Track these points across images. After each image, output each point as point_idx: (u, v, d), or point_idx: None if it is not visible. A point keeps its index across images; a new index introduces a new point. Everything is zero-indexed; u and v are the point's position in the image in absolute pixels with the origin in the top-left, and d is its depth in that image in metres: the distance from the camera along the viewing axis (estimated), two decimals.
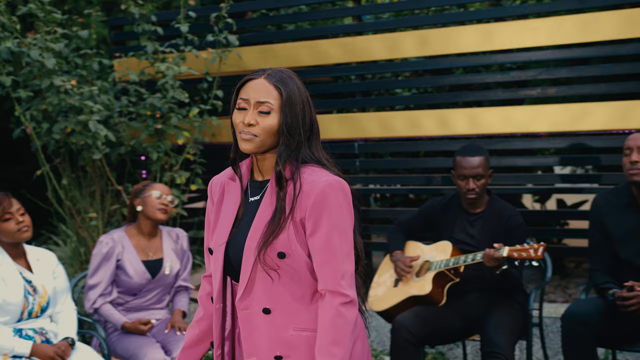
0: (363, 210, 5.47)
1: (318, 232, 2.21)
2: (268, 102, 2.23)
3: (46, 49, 4.73)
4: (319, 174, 2.24)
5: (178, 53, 5.20)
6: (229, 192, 2.37)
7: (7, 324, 3.52)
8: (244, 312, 2.27)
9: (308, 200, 2.20)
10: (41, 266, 3.70)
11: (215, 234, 2.34)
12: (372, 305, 4.32)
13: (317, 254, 2.22)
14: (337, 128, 5.35)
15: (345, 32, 5.52)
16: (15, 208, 3.59)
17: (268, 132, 2.22)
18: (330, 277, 2.20)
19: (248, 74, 2.32)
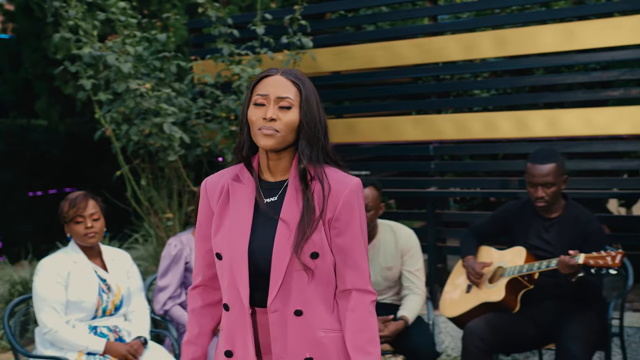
0: (438, 214, 5.39)
1: (348, 233, 2.23)
2: (289, 98, 2.20)
3: (123, 53, 4.82)
4: (339, 174, 2.26)
5: (254, 55, 5.24)
6: (235, 194, 2.28)
7: (82, 321, 3.61)
8: (275, 314, 2.21)
9: (336, 200, 2.22)
10: (116, 266, 3.78)
11: (229, 238, 2.25)
12: (443, 310, 4.25)
13: (346, 254, 2.23)
14: (411, 130, 5.28)
15: (422, 32, 5.44)
16: (89, 212, 3.65)
17: (289, 128, 2.19)
18: (359, 276, 2.24)
19: (262, 72, 2.30)
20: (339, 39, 5.75)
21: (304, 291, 2.21)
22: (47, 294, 3.56)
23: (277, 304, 2.20)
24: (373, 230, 4.19)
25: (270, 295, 2.20)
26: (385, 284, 4.22)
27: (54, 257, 3.67)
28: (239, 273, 2.22)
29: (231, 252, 2.23)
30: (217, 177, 2.35)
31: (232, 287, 2.24)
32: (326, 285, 2.25)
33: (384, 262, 4.18)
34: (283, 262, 2.19)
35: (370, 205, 4.05)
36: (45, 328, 3.54)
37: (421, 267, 4.25)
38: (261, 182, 2.29)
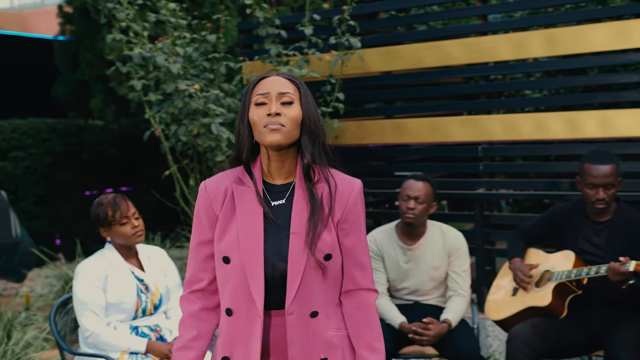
0: (487, 216, 5.32)
1: (356, 233, 2.28)
2: (289, 93, 2.23)
3: (172, 54, 4.87)
4: (344, 175, 2.31)
5: (301, 56, 5.23)
6: (241, 198, 2.26)
7: (123, 322, 3.64)
8: (291, 317, 2.21)
9: (344, 201, 2.25)
10: (152, 264, 3.80)
11: (237, 242, 2.22)
12: (488, 313, 4.18)
13: (354, 254, 2.29)
14: (460, 131, 5.21)
15: (472, 32, 5.36)
16: (131, 212, 3.68)
17: (294, 122, 2.21)
18: (364, 275, 2.31)
19: (257, 77, 2.32)
20: (388, 39, 5.70)
21: (318, 293, 2.23)
22: (86, 298, 3.58)
23: (294, 306, 2.20)
24: (422, 227, 4.19)
25: (288, 298, 2.20)
26: (431, 284, 4.18)
27: (91, 261, 3.69)
28: (254, 277, 2.20)
29: (243, 256, 2.21)
30: (218, 180, 2.32)
31: (239, 291, 2.22)
32: (335, 286, 2.29)
33: (430, 261, 4.15)
34: (300, 264, 2.20)
35: (422, 199, 4.08)
36: (87, 332, 3.57)
37: (467, 269, 4.21)
38: (266, 185, 2.29)
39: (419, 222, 4.13)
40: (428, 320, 3.97)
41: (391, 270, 4.20)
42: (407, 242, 4.20)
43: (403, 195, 4.12)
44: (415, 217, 4.09)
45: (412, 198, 4.08)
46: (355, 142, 5.62)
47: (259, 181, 2.27)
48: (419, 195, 4.08)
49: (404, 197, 4.12)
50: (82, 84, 8.77)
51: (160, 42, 5.03)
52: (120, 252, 3.73)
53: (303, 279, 2.19)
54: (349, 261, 2.28)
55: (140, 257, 3.80)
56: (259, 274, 2.20)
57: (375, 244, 4.22)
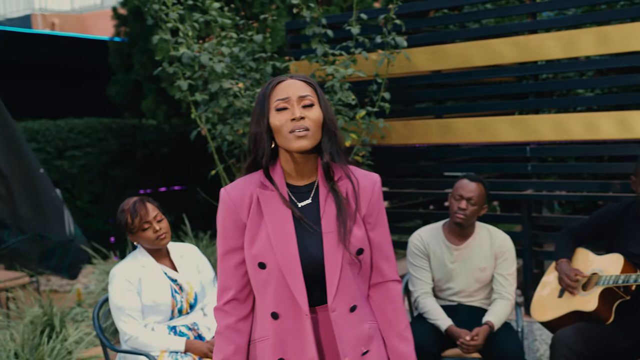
0: (534, 217, 5.22)
1: (379, 227, 2.33)
2: (309, 95, 2.24)
3: (216, 54, 4.90)
4: (360, 171, 2.35)
5: (348, 55, 5.22)
6: (267, 203, 2.26)
7: (160, 323, 3.66)
8: (334, 313, 2.24)
9: (367, 196, 2.30)
10: (185, 263, 3.79)
11: (270, 246, 2.22)
12: (534, 314, 4.10)
13: (380, 247, 2.33)
14: (508, 131, 5.13)
15: (520, 30, 5.26)
16: (152, 216, 3.64)
17: (317, 125, 2.23)
18: (391, 267, 2.36)
19: (276, 78, 2.30)
20: (435, 37, 5.64)
21: (355, 287, 2.27)
22: (121, 302, 3.60)
23: (336, 303, 2.24)
24: (470, 228, 4.13)
25: (329, 295, 2.23)
26: (476, 286, 4.13)
27: (124, 265, 3.69)
28: (293, 279, 2.22)
29: (279, 259, 2.22)
30: (241, 186, 2.30)
31: (281, 294, 2.23)
32: (365, 279, 2.33)
33: (477, 262, 4.10)
34: (336, 261, 2.23)
35: (474, 200, 4.03)
36: (126, 336, 3.60)
37: (514, 272, 4.13)
38: (290, 187, 2.30)
39: (468, 223, 4.08)
40: (475, 332, 3.91)
41: (437, 270, 4.16)
42: (454, 241, 4.15)
43: (455, 195, 4.07)
44: (465, 217, 4.03)
45: (465, 198, 4.03)
46: (402, 142, 5.58)
47: (282, 184, 2.28)
48: (471, 196, 4.03)
49: (456, 196, 4.07)
50: (135, 84, 8.90)
51: (207, 42, 5.06)
52: (151, 254, 3.72)
53: (341, 275, 2.23)
54: (377, 254, 2.33)
55: (172, 257, 3.78)
56: (298, 275, 2.22)
57: (421, 242, 4.18)
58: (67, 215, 7.22)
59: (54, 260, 7.13)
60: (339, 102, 5.13)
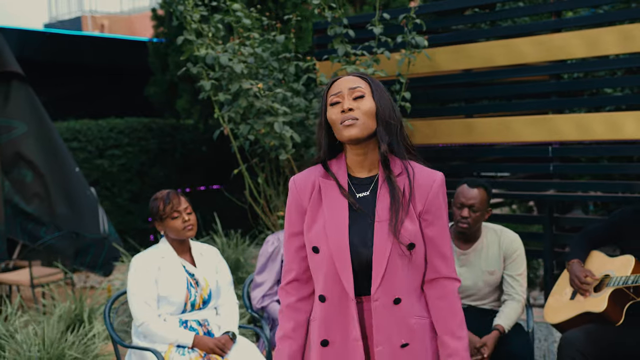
0: (556, 218, 5.17)
1: (438, 224, 2.35)
2: (359, 87, 2.34)
3: (237, 54, 4.96)
4: (424, 168, 2.38)
5: (370, 55, 5.23)
6: (327, 191, 2.38)
7: (173, 315, 3.75)
8: (376, 303, 2.31)
9: (426, 193, 2.33)
10: (204, 261, 3.89)
11: (325, 232, 2.34)
12: (546, 315, 4.06)
13: (436, 244, 2.36)
14: (530, 131, 5.07)
15: (543, 29, 5.21)
16: (183, 207, 3.78)
17: (367, 114, 2.31)
18: (446, 265, 2.38)
19: (335, 78, 2.42)
20: (458, 37, 5.61)
21: (402, 280, 2.32)
22: (138, 289, 3.71)
23: (379, 293, 2.31)
24: (477, 232, 4.07)
25: (374, 284, 2.31)
26: (486, 289, 4.08)
27: (145, 254, 3.82)
28: (342, 265, 2.32)
29: (330, 245, 2.33)
30: (306, 175, 2.46)
31: (330, 278, 2.35)
32: (418, 275, 2.37)
33: (486, 265, 4.05)
34: (385, 251, 2.29)
35: (477, 206, 3.94)
36: (138, 321, 3.70)
37: (523, 272, 4.08)
38: (352, 178, 2.41)
39: (472, 231, 4.01)
40: (484, 341, 3.86)
41: None
42: (460, 246, 4.09)
43: (457, 203, 3.98)
44: (469, 226, 3.95)
45: (467, 206, 3.93)
46: (425, 142, 5.56)
47: (343, 175, 2.39)
48: (473, 203, 3.92)
49: (457, 204, 3.97)
50: (171, 84, 9.04)
51: (230, 43, 5.13)
52: (173, 246, 3.84)
53: (388, 266, 2.30)
54: (432, 251, 2.36)
55: (193, 253, 3.90)
56: (347, 262, 2.31)
57: None
58: (101, 214, 7.38)
59: (89, 257, 7.29)
60: None
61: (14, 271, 7.51)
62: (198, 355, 3.65)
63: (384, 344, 2.32)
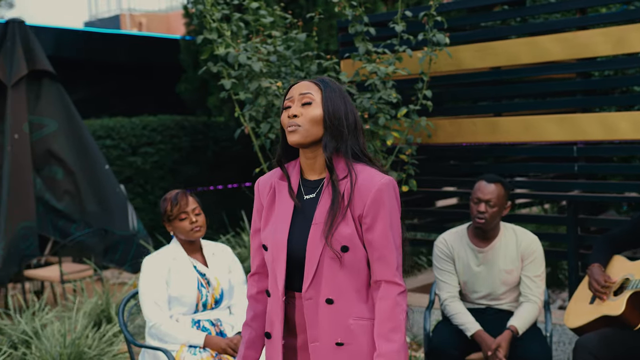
0: (580, 219, 5.07)
1: (376, 228, 2.35)
2: (309, 93, 2.38)
3: (256, 53, 4.95)
4: (371, 172, 2.38)
5: (391, 54, 5.18)
6: (280, 192, 2.47)
7: (185, 315, 3.75)
8: (309, 302, 2.39)
9: (365, 197, 2.34)
10: (216, 260, 3.88)
11: (272, 231, 2.44)
12: (565, 319, 3.99)
13: (375, 248, 2.36)
14: (555, 130, 4.98)
15: (569, 26, 5.11)
16: (191, 207, 3.77)
17: (311, 122, 2.36)
18: (386, 269, 2.37)
19: (294, 82, 2.48)
20: (481, 34, 5.53)
21: (335, 281, 2.37)
22: (149, 290, 3.71)
23: (311, 292, 2.38)
24: (494, 230, 4.04)
25: (305, 283, 2.38)
26: (503, 288, 4.03)
27: (156, 255, 3.82)
28: (278, 262, 2.42)
29: (273, 244, 2.43)
30: (268, 176, 2.55)
31: (273, 276, 2.46)
32: (357, 277, 2.39)
33: (503, 264, 4.01)
34: (316, 252, 2.35)
35: (493, 202, 3.92)
36: (150, 322, 3.70)
37: (541, 274, 4.03)
38: (304, 180, 2.48)
39: (489, 227, 3.99)
40: (497, 342, 3.81)
41: (462, 273, 4.09)
42: (478, 244, 4.07)
43: (474, 198, 3.99)
44: (485, 221, 3.94)
45: (483, 201, 3.94)
46: (448, 141, 5.50)
47: (294, 177, 2.47)
48: (490, 199, 3.92)
49: (474, 199, 3.98)
50: (202, 82, 9.08)
51: (250, 41, 5.12)
52: (184, 247, 3.84)
53: (319, 266, 2.36)
54: (372, 254, 2.38)
55: (205, 253, 3.89)
56: (282, 260, 2.40)
57: (445, 246, 4.12)
58: (130, 211, 7.44)
59: (118, 254, 7.36)
60: (381, 100, 5.10)
61: (45, 267, 7.62)
62: (210, 355, 3.65)
63: (319, 340, 2.39)
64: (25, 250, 6.90)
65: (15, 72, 7.03)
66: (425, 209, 6.57)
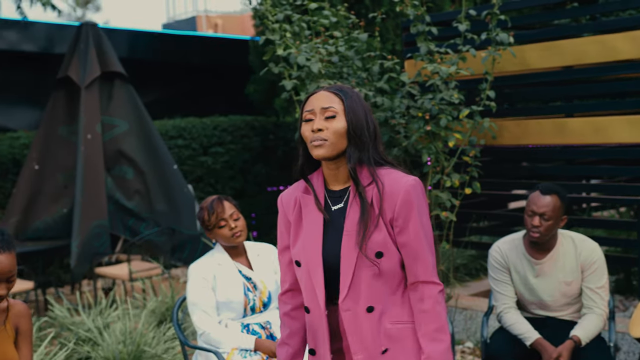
0: None
1: (408, 230, 2.33)
2: (332, 107, 2.35)
3: (315, 54, 4.93)
4: (395, 175, 2.35)
5: (454, 53, 5.08)
6: (306, 206, 2.45)
7: (233, 320, 3.74)
8: (347, 313, 2.36)
9: (394, 200, 2.32)
10: (261, 262, 3.84)
11: (303, 246, 2.42)
12: (630, 328, 3.80)
13: (409, 250, 2.34)
14: (626, 131, 4.80)
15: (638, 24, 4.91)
16: (228, 213, 3.72)
17: (337, 135, 2.33)
18: (423, 269, 2.35)
19: (312, 92, 2.44)
20: (545, 33, 5.37)
21: (372, 288, 2.35)
22: (196, 298, 3.70)
23: (348, 302, 2.36)
24: (551, 240, 3.87)
25: (341, 294, 2.36)
26: (563, 300, 3.88)
27: (201, 262, 3.79)
28: (315, 276, 2.39)
29: (307, 258, 2.42)
30: (291, 192, 2.53)
31: (309, 290, 2.43)
32: (393, 281, 2.37)
33: (562, 276, 3.84)
34: (351, 261, 2.34)
35: (548, 214, 3.73)
36: (199, 330, 3.70)
37: (604, 285, 3.84)
38: (328, 191, 2.46)
39: (544, 240, 3.81)
40: (559, 351, 3.68)
41: (519, 284, 3.94)
42: (535, 255, 3.90)
43: (528, 210, 3.78)
44: (540, 235, 3.76)
45: (537, 214, 3.73)
46: (514, 143, 5.36)
47: (319, 189, 2.45)
48: (544, 212, 3.72)
49: (528, 212, 3.78)
50: (271, 83, 9.11)
51: (310, 42, 5.10)
52: (227, 252, 3.80)
53: (355, 276, 2.34)
54: (407, 256, 2.35)
55: (249, 256, 3.84)
56: (319, 274, 2.38)
57: (500, 255, 3.97)
58: (198, 210, 7.51)
59: (185, 253, 7.45)
60: (442, 101, 5.01)
61: (116, 265, 7.78)
62: (260, 358, 3.63)
63: (363, 352, 2.36)
64: (97, 249, 7.06)
65: (89, 73, 7.19)
66: (490, 212, 6.43)
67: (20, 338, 2.95)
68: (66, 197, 7.37)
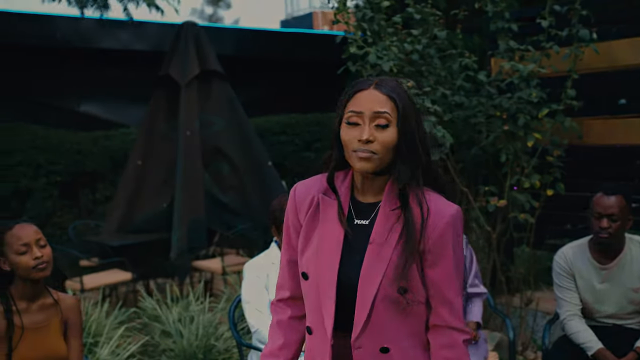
0: None
1: (442, 266, 1.98)
2: (386, 113, 1.94)
3: (387, 53, 4.88)
4: (437, 202, 1.99)
5: (535, 51, 4.92)
6: (326, 210, 2.07)
7: None
8: (359, 351, 2.00)
9: (432, 231, 1.96)
10: None
11: (315, 258, 2.05)
12: None
13: (439, 289, 1.99)
14: None
15: None
16: None
17: (387, 148, 1.95)
18: (451, 313, 2.01)
19: (354, 86, 2.02)
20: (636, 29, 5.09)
21: (389, 327, 2.00)
22: (250, 296, 3.73)
23: (362, 340, 2.00)
24: (619, 244, 3.71)
25: (355, 330, 2.00)
26: (630, 308, 3.70)
27: (255, 261, 3.81)
28: (325, 299, 2.03)
29: (319, 274, 2.05)
30: (308, 186, 2.16)
31: (316, 310, 2.07)
32: (414, 320, 2.02)
33: (629, 282, 3.67)
34: (370, 292, 1.97)
35: (616, 215, 3.57)
36: (253, 328, 3.73)
37: None
38: (356, 202, 2.08)
39: (614, 242, 3.65)
40: None
41: (584, 291, 3.78)
42: (601, 260, 3.74)
43: (594, 213, 3.63)
44: (609, 236, 3.60)
45: (605, 216, 3.58)
46: (599, 142, 5.13)
47: (344, 197, 2.08)
48: (612, 213, 3.56)
49: (595, 214, 3.62)
50: None
51: (382, 41, 5.06)
52: None
53: (373, 311, 1.98)
54: (435, 296, 2.01)
55: None
56: (331, 298, 2.02)
57: (565, 261, 3.82)
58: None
59: None
60: (521, 100, 4.86)
61: (212, 259, 8.00)
62: None
63: None
64: (195, 242, 7.28)
65: (189, 72, 7.41)
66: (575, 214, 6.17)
67: (70, 331, 3.07)
68: (166, 192, 7.63)
